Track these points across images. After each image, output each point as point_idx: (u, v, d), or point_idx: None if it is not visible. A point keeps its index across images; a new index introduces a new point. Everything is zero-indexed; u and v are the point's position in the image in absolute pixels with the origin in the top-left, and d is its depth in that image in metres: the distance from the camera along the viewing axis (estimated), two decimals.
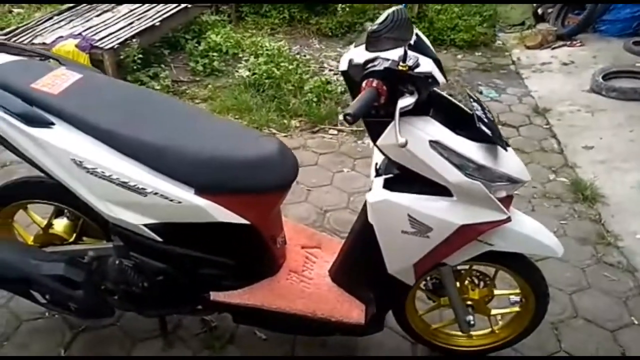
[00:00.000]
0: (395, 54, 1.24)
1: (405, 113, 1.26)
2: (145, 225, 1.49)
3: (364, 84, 1.22)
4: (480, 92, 4.18)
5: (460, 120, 1.38)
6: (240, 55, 4.53)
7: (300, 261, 1.83)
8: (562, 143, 3.41)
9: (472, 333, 1.87)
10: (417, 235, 1.39)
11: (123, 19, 4.08)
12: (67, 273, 1.58)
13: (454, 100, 1.46)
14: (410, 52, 1.23)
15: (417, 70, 1.21)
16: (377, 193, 1.38)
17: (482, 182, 1.34)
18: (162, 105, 1.62)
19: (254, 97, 3.72)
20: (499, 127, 1.41)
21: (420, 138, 1.28)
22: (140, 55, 3.77)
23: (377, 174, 1.52)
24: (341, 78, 4.15)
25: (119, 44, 3.62)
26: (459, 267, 1.67)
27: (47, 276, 1.57)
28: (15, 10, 5.03)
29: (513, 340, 1.85)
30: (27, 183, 1.71)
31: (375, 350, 1.93)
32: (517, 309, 1.81)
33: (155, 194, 1.43)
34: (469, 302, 1.75)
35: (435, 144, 1.29)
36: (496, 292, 1.78)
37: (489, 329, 1.88)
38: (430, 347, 1.93)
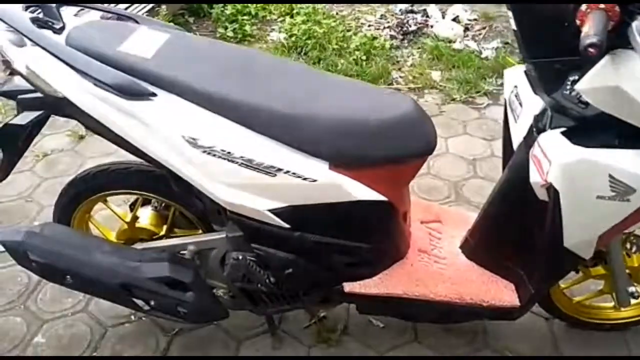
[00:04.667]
0: None
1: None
2: (270, 210, 1.23)
3: (583, 8, 0.95)
4: None
5: None
6: (269, 17, 4.20)
7: (426, 238, 1.58)
8: None
9: None
10: (615, 199, 1.14)
11: None
12: (173, 274, 1.34)
13: None
14: None
15: None
16: (569, 151, 1.11)
17: None
18: (270, 65, 1.35)
19: (297, 60, 3.41)
20: None
21: (635, 75, 1.01)
22: (171, 23, 3.44)
23: (540, 129, 1.26)
24: (392, 33, 3.85)
25: (147, 12, 3.30)
26: None
27: (151, 279, 1.33)
28: None
29: None
30: (110, 171, 1.45)
31: (507, 331, 1.71)
32: None
33: (287, 172, 1.17)
34: (627, 271, 1.52)
35: None
36: None
37: None
38: (570, 323, 1.71)
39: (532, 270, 1.41)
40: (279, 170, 1.16)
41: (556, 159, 1.12)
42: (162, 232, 1.54)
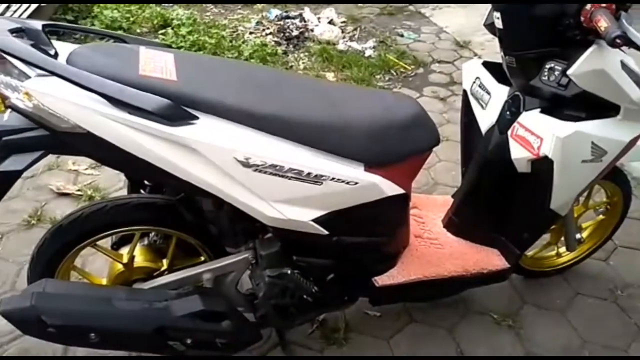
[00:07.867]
0: None
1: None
2: (314, 220, 1.24)
3: (588, 7, 1.14)
4: (402, 35, 4.26)
5: None
6: (139, 31, 3.97)
7: (414, 224, 1.71)
8: None
9: (561, 250, 1.98)
10: (593, 161, 1.38)
11: None
12: (207, 305, 1.26)
13: None
14: None
15: None
16: (564, 126, 1.32)
17: None
18: (276, 77, 1.35)
19: None
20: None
21: (613, 60, 1.26)
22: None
23: (514, 113, 1.47)
24: (276, 39, 3.91)
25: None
26: None
27: (186, 316, 1.23)
28: None
29: (599, 246, 1.99)
30: (108, 209, 1.29)
31: (481, 295, 1.91)
32: (602, 217, 1.94)
33: (332, 179, 1.19)
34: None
35: (623, 65, 1.28)
36: (591, 204, 1.88)
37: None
38: (525, 275, 1.99)
39: (515, 234, 1.63)
40: (325, 178, 1.18)
41: (552, 134, 1.33)
42: (164, 267, 1.42)
